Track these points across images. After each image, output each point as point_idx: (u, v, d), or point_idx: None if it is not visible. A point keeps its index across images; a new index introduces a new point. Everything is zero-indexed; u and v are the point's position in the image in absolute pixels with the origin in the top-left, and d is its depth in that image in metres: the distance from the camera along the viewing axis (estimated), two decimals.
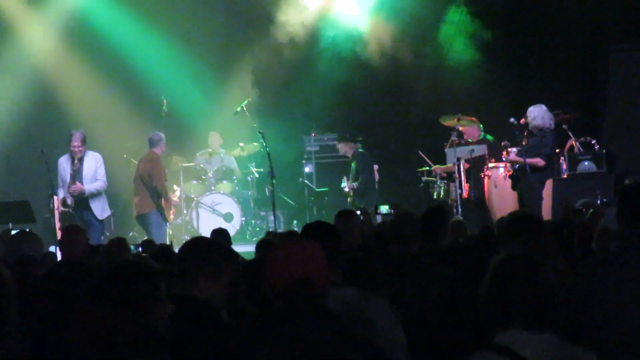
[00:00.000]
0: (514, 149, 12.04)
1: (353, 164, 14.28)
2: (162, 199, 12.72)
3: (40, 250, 6.60)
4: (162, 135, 13.05)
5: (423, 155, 13.76)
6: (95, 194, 12.10)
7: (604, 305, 3.97)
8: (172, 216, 13.18)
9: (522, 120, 12.03)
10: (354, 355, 3.69)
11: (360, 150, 14.30)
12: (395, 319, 4.41)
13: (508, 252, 3.59)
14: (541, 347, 3.28)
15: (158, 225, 12.64)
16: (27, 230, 8.56)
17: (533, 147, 11.83)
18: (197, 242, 4.30)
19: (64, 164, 12.11)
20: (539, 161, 11.73)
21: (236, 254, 4.40)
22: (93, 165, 12.11)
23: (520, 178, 11.87)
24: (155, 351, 3.37)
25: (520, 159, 11.78)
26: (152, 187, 12.69)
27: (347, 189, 14.11)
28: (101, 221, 12.26)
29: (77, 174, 12.00)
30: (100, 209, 12.19)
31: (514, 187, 11.96)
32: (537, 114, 11.85)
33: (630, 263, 4.08)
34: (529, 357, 3.24)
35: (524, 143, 12.01)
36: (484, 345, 3.37)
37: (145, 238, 11.01)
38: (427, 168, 13.63)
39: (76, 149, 11.96)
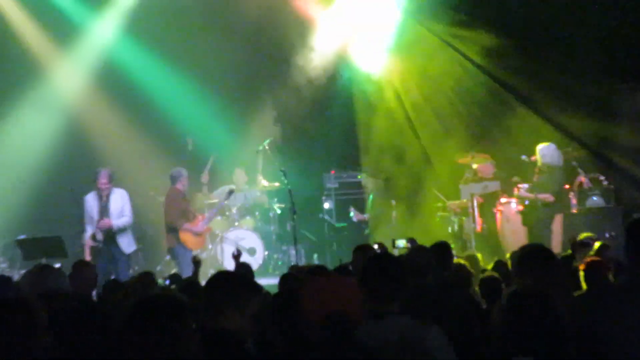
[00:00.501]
0: (525, 185, 12.42)
1: (371, 196, 14.59)
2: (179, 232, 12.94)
3: (65, 284, 6.53)
4: (183, 170, 13.14)
5: (437, 193, 14.02)
6: (122, 229, 12.22)
7: (613, 336, 4.05)
8: (197, 243, 13.07)
9: (533, 158, 12.41)
10: None
11: (381, 184, 14.58)
12: (450, 347, 4.40)
13: (519, 285, 3.75)
14: None
15: (184, 258, 12.74)
16: (56, 265, 8.59)
17: (543, 183, 12.19)
18: (222, 276, 4.38)
19: (91, 201, 12.18)
20: (548, 197, 12.07)
21: (260, 286, 4.48)
22: (120, 202, 12.25)
23: (531, 213, 12.24)
24: None
25: (531, 195, 12.17)
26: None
27: (355, 219, 14.39)
28: (127, 255, 12.40)
29: (104, 210, 12.15)
30: (127, 244, 12.34)
31: (525, 222, 12.32)
32: (547, 152, 12.24)
33: (639, 295, 4.15)
34: None
35: (534, 179, 12.38)
36: None
37: (174, 271, 11.23)
38: (442, 204, 13.89)
39: (103, 186, 12.08)
